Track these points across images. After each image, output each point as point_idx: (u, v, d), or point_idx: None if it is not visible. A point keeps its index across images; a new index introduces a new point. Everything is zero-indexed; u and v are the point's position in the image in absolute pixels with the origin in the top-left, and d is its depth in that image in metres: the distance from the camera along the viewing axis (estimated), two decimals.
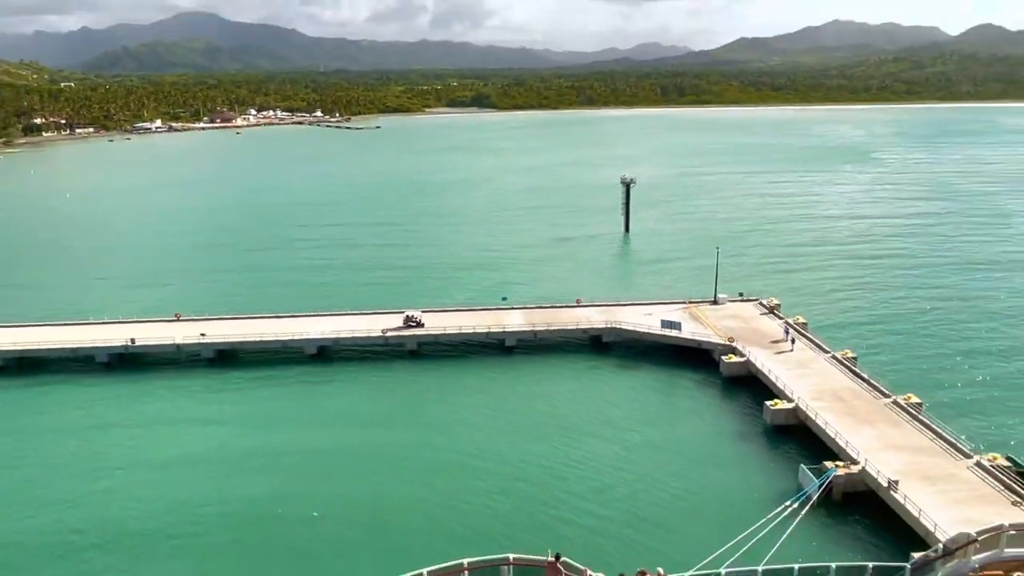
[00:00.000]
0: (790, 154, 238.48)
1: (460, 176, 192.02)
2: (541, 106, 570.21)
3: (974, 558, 26.51)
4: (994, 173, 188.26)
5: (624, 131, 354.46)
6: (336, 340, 62.85)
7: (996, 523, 28.02)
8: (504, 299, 71.68)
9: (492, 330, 63.63)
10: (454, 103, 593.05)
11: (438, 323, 64.99)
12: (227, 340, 62.18)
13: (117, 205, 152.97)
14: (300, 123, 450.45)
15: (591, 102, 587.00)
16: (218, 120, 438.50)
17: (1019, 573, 25.65)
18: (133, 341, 61.63)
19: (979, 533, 27.22)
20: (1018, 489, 36.43)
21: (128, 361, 61.22)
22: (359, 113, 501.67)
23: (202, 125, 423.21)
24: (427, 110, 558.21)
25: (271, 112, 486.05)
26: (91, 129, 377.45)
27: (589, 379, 57.13)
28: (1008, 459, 39.68)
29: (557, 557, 24.39)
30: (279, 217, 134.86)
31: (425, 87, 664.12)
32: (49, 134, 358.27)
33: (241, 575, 34.47)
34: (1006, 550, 26.84)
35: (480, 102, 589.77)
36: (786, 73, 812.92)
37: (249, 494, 40.92)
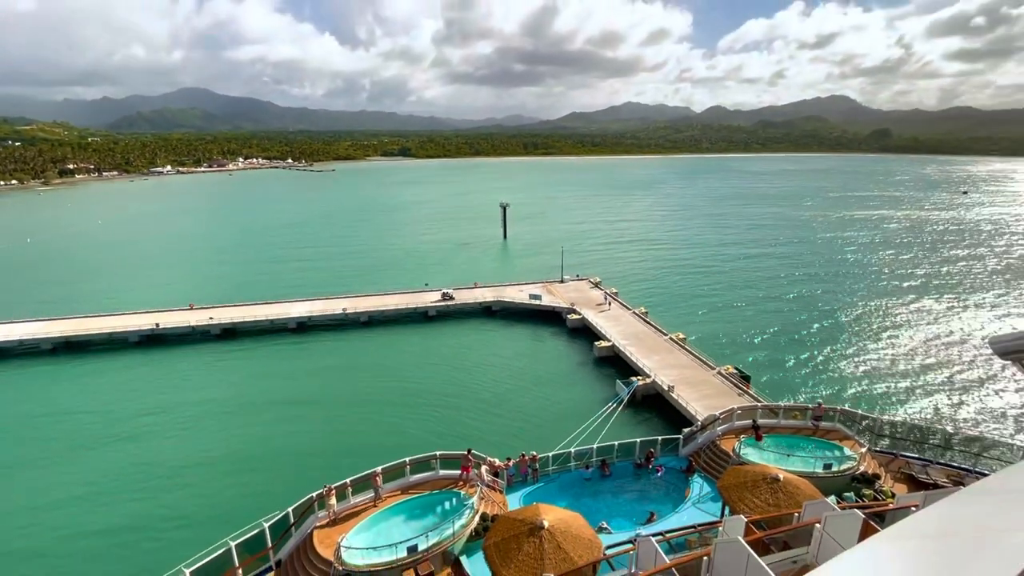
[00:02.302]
0: (606, 185, 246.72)
1: (394, 201, 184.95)
2: (446, 156, 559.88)
3: (718, 429, 28.56)
4: (720, 194, 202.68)
5: (502, 171, 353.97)
6: (310, 317, 59.52)
7: (729, 407, 30.32)
8: (426, 284, 70.30)
9: (418, 306, 62.42)
10: (386, 153, 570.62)
11: (382, 302, 62.99)
12: (230, 321, 57.42)
13: (139, 225, 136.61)
14: (276, 167, 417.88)
15: (478, 153, 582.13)
16: (215, 165, 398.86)
17: (743, 435, 27.87)
18: (158, 325, 55.82)
19: (721, 413, 29.36)
20: (742, 387, 39.49)
21: (154, 340, 55.28)
22: (319, 160, 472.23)
23: (203, 169, 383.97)
24: (367, 158, 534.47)
25: (255, 159, 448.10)
26: (115, 173, 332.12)
27: (484, 335, 57.07)
28: (736, 368, 42.65)
29: (469, 451, 24.39)
30: (266, 231, 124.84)
31: (365, 143, 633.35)
32: (81, 176, 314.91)
33: (245, 464, 32.84)
34: (736, 422, 29.12)
35: (404, 153, 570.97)
36: (601, 135, 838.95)
37: (249, 419, 38.52)
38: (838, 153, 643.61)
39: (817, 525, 10.26)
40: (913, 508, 12.05)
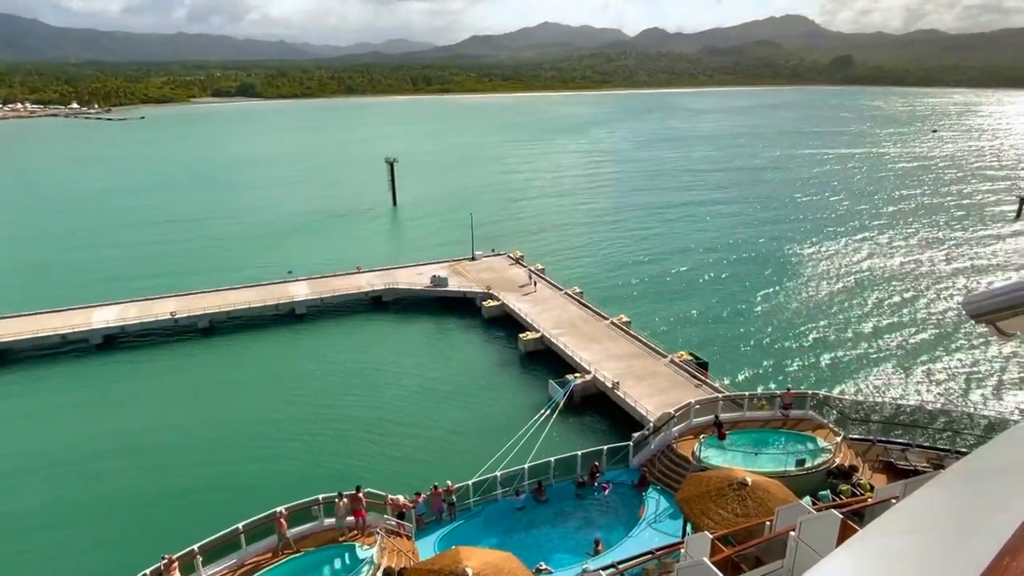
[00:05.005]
0: (523, 130, 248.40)
1: (237, 159, 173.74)
2: (305, 95, 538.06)
3: (674, 429, 30.26)
4: (661, 137, 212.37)
5: (385, 115, 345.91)
6: (123, 327, 54.82)
7: (686, 402, 32.15)
8: (289, 272, 67.47)
9: (281, 301, 59.80)
10: (219, 93, 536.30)
11: (229, 300, 59.58)
12: None
13: None
14: (55, 115, 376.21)
15: (351, 91, 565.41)
16: None
17: (704, 435, 29.78)
18: None
19: (676, 410, 31.11)
20: (699, 376, 41.71)
21: None
22: (119, 104, 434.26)
23: None
24: (192, 100, 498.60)
25: (18, 104, 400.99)
26: None
27: (373, 334, 56.02)
28: (691, 354, 44.77)
29: (358, 489, 24.14)
30: (43, 209, 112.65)
31: (188, 78, 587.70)
32: None
33: (35, 540, 29.53)
34: (694, 420, 31.00)
35: (246, 92, 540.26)
36: (512, 66, 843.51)
37: (38, 477, 34.90)
38: (796, 86, 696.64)
39: (792, 533, 11.25)
40: (893, 500, 13.58)
